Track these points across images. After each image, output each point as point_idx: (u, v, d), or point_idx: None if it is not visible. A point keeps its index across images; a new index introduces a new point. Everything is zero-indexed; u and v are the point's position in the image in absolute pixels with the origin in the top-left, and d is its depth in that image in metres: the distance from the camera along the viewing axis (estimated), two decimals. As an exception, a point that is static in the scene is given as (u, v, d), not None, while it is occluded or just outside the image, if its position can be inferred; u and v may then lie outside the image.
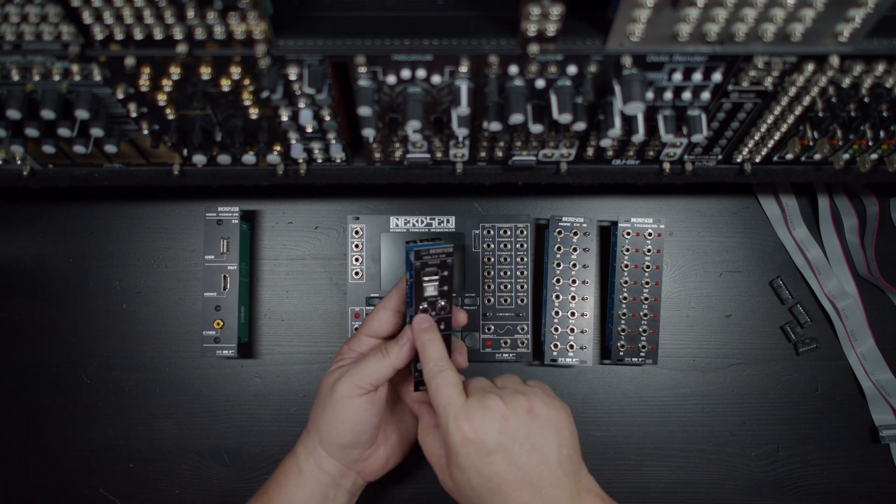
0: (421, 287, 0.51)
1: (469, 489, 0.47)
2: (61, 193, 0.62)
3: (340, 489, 0.55)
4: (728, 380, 0.68)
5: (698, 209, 0.70)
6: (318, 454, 0.54)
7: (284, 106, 0.47)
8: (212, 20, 0.39)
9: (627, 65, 0.42)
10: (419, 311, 0.52)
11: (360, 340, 0.56)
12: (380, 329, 0.55)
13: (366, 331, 0.56)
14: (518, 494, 0.46)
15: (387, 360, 0.52)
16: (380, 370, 0.51)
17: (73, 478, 0.67)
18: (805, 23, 0.39)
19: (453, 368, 0.49)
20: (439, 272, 0.51)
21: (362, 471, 0.56)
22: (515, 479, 0.46)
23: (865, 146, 0.53)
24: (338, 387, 0.52)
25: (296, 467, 0.54)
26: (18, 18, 0.39)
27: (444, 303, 0.52)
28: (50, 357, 0.68)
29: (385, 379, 0.52)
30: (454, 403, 0.47)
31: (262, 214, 0.69)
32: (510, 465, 0.46)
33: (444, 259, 0.51)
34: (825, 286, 0.68)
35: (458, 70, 0.43)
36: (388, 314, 0.55)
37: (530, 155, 0.54)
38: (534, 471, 0.46)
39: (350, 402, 0.52)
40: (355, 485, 0.56)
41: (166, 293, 0.69)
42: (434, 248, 0.50)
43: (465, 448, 0.46)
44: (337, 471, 0.54)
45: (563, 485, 0.46)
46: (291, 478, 0.54)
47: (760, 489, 0.67)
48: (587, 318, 0.64)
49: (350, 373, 0.52)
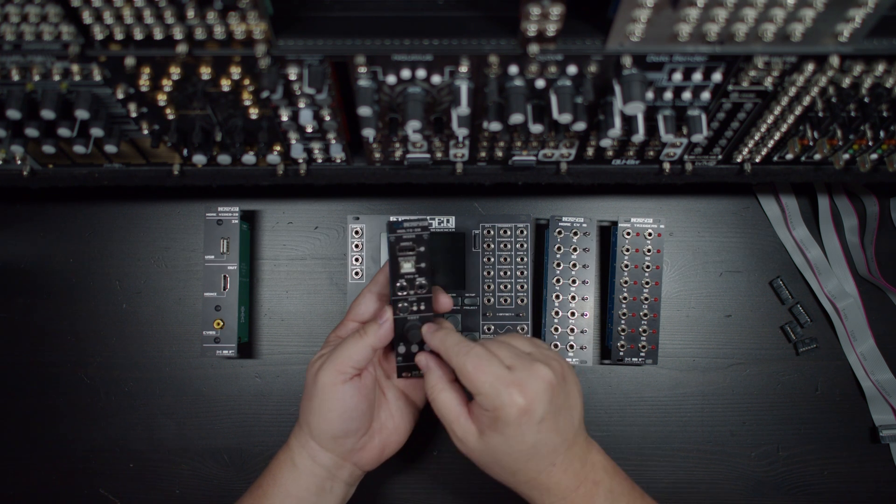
0: (397, 262, 0.50)
1: (505, 454, 0.47)
2: (61, 193, 0.62)
3: (337, 481, 0.54)
4: (728, 380, 0.68)
5: (698, 209, 0.70)
6: (310, 447, 0.53)
7: (284, 106, 0.47)
8: (212, 20, 0.39)
9: (627, 65, 0.42)
10: (396, 288, 0.51)
11: (345, 326, 0.55)
12: (365, 313, 0.55)
13: (351, 316, 0.55)
14: (552, 457, 0.48)
15: (364, 339, 0.51)
16: (358, 351, 0.50)
17: (73, 478, 0.67)
18: (805, 23, 0.39)
19: (480, 343, 0.49)
20: (416, 247, 0.50)
21: (359, 461, 0.54)
22: (554, 443, 0.48)
23: (865, 146, 0.53)
24: (320, 375, 0.51)
25: (290, 461, 0.53)
26: (18, 18, 0.39)
27: (424, 281, 0.51)
28: (50, 357, 0.68)
29: (366, 360, 0.51)
30: (502, 377, 0.46)
31: (262, 214, 0.69)
32: (553, 431, 0.47)
33: (421, 234, 0.50)
34: (825, 286, 0.68)
35: (458, 70, 0.43)
36: (372, 297, 0.55)
37: (530, 155, 0.54)
38: (567, 432, 0.49)
39: (335, 389, 0.50)
40: (352, 475, 0.55)
41: (166, 293, 0.69)
42: (409, 221, 0.50)
43: (519, 419, 0.46)
44: (332, 463, 0.53)
45: (580, 440, 0.50)
46: (286, 472, 0.53)
47: (760, 489, 0.67)
48: (587, 318, 0.64)
49: (331, 359, 0.51)
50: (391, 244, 0.50)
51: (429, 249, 0.51)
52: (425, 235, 0.51)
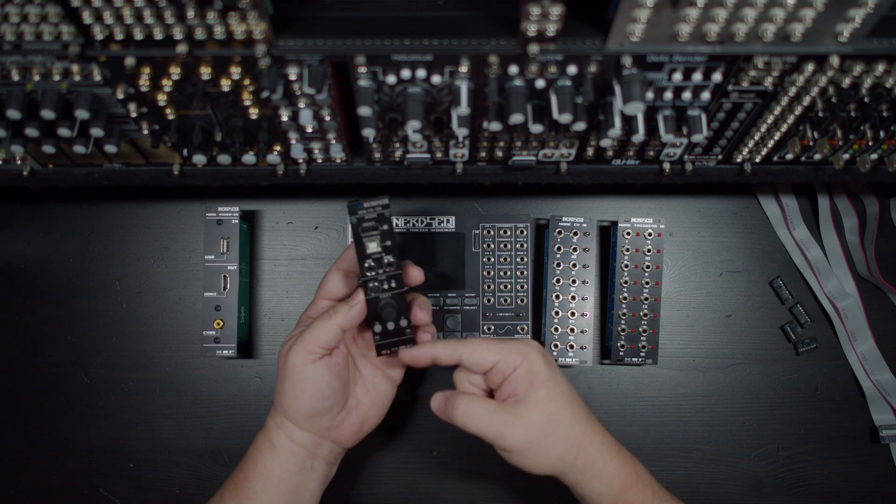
0: (362, 243, 0.50)
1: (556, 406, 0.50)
2: (61, 193, 0.62)
3: (317, 459, 0.54)
4: (728, 380, 0.68)
5: (698, 209, 0.70)
6: (287, 427, 0.53)
7: (284, 106, 0.47)
8: (212, 20, 0.39)
9: (627, 65, 0.42)
10: (365, 269, 0.51)
11: (316, 305, 0.55)
12: (334, 290, 0.55)
13: (321, 294, 0.55)
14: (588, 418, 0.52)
15: (333, 320, 0.51)
16: (327, 332, 0.50)
17: (73, 478, 0.67)
18: (805, 23, 0.39)
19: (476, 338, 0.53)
20: (378, 226, 0.50)
21: (337, 438, 0.54)
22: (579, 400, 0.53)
23: (865, 146, 0.53)
24: (290, 356, 0.51)
25: (268, 443, 0.53)
26: (18, 18, 0.39)
27: (391, 259, 0.51)
28: (50, 357, 0.68)
29: (335, 341, 0.51)
30: (506, 342, 0.52)
31: (262, 214, 0.69)
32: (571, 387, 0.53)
33: (382, 212, 0.50)
34: (825, 286, 0.68)
35: (458, 70, 0.43)
36: (339, 275, 0.55)
37: (530, 155, 0.54)
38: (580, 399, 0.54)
39: (304, 369, 0.50)
40: (332, 453, 0.55)
41: (166, 293, 0.69)
42: (369, 202, 0.50)
43: (545, 357, 0.52)
44: (310, 442, 0.53)
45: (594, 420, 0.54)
46: (265, 453, 0.53)
47: (760, 489, 0.67)
48: (587, 318, 0.64)
49: (300, 340, 0.51)
50: (354, 226, 0.50)
51: (392, 226, 0.51)
52: (387, 213, 0.50)
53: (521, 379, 0.50)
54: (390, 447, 0.67)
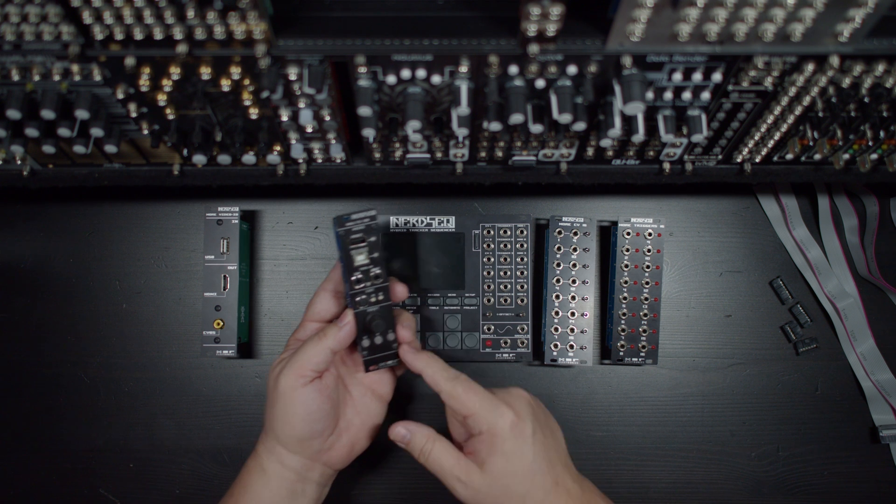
0: (350, 256, 0.50)
1: (511, 476, 0.49)
2: (61, 193, 0.62)
3: (308, 482, 0.54)
4: (728, 380, 0.68)
5: (698, 209, 0.70)
6: (278, 452, 0.53)
7: (284, 106, 0.47)
8: (212, 20, 0.39)
9: (627, 65, 0.42)
10: (353, 282, 0.51)
11: (304, 328, 0.55)
12: (322, 311, 0.55)
13: (309, 316, 0.55)
14: (553, 472, 0.50)
15: (323, 342, 0.51)
16: (318, 354, 0.51)
17: (73, 478, 0.67)
18: (805, 23, 0.39)
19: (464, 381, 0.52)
20: (366, 238, 0.50)
21: (329, 461, 0.54)
22: (550, 458, 0.50)
23: (865, 146, 0.53)
24: (280, 380, 0.51)
25: (259, 468, 0.53)
26: (18, 18, 0.39)
27: (379, 271, 0.51)
28: (50, 357, 0.68)
29: (326, 363, 0.51)
30: (489, 397, 0.50)
31: (262, 214, 0.69)
32: (546, 447, 0.50)
33: (370, 224, 0.50)
34: (825, 286, 0.68)
35: (458, 70, 0.43)
36: (328, 296, 0.55)
37: (530, 155, 0.54)
38: (559, 450, 0.52)
39: (295, 393, 0.50)
40: (324, 475, 0.55)
41: (166, 293, 0.69)
42: (356, 214, 0.50)
43: (513, 431, 0.49)
44: (301, 465, 0.53)
45: (571, 468, 0.53)
46: (256, 478, 0.53)
47: (760, 489, 0.67)
48: (587, 318, 0.64)
49: (290, 363, 0.51)
50: (341, 238, 0.50)
51: (379, 238, 0.51)
52: (374, 225, 0.51)
53: (483, 443, 0.50)
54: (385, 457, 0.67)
